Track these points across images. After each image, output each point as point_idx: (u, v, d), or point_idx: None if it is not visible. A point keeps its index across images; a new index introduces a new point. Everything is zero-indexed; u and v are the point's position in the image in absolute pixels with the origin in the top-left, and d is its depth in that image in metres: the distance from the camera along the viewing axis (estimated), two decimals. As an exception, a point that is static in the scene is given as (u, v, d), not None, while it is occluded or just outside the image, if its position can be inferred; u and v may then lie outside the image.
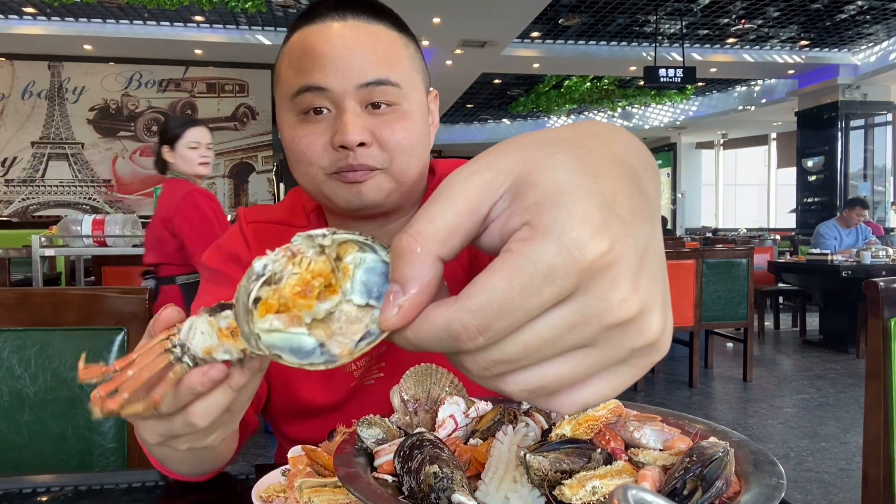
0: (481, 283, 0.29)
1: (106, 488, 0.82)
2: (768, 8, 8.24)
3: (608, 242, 0.28)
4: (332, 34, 0.81)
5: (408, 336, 0.31)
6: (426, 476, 0.50)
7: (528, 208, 0.29)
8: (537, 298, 0.28)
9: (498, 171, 0.31)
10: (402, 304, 0.31)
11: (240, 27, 8.56)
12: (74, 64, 9.05)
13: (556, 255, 0.28)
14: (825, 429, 3.89)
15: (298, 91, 0.81)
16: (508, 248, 0.29)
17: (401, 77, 0.82)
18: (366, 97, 0.81)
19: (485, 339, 0.29)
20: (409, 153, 0.83)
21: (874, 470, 1.11)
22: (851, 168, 10.47)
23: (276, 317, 0.33)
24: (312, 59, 0.80)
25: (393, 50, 0.83)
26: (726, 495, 0.49)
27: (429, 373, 0.72)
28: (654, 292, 0.30)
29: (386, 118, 0.82)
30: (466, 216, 0.30)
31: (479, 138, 16.89)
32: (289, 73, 0.83)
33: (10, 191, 9.01)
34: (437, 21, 7.54)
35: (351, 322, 0.34)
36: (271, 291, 0.33)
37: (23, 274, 4.68)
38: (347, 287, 0.34)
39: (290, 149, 0.84)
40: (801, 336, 6.87)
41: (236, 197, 9.57)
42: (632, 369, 0.32)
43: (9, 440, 1.14)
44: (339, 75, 0.79)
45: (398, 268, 0.31)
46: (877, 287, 1.13)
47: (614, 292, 0.28)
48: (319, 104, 0.81)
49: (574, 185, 0.29)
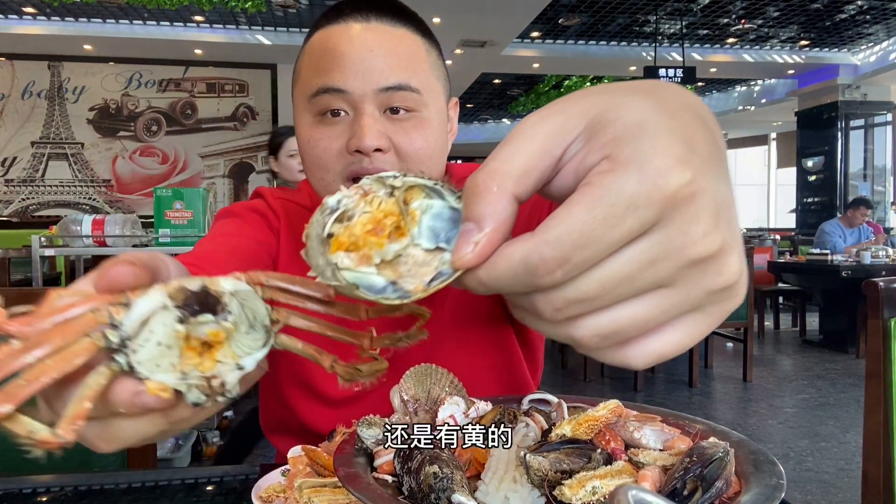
0: (560, 216, 0.28)
1: (106, 488, 0.82)
2: (768, 8, 8.24)
3: (691, 173, 0.27)
4: (354, 35, 0.79)
5: (481, 276, 0.30)
6: (426, 476, 0.50)
7: (607, 144, 0.28)
8: (618, 229, 0.27)
9: (571, 115, 0.30)
10: (478, 240, 0.30)
11: (240, 27, 8.55)
12: (74, 64, 9.04)
13: (639, 183, 0.27)
14: (825, 429, 3.89)
15: (317, 92, 0.80)
16: (588, 182, 0.28)
17: (421, 83, 0.81)
18: (385, 101, 0.79)
19: (563, 273, 0.28)
20: (424, 163, 0.82)
21: (874, 470, 1.11)
22: (851, 168, 10.46)
23: (346, 255, 0.32)
24: (332, 59, 0.79)
25: (415, 55, 0.82)
26: (726, 495, 0.49)
27: (429, 373, 0.72)
28: (733, 233, 0.29)
29: (404, 125, 0.80)
30: (540, 158, 0.30)
31: (478, 138, 16.89)
32: (308, 73, 0.82)
33: (10, 191, 9.01)
34: (437, 21, 7.54)
35: (419, 265, 0.32)
36: (343, 228, 0.32)
37: (23, 274, 4.67)
38: (415, 231, 0.32)
39: (306, 152, 0.83)
40: (800, 336, 6.87)
41: (236, 197, 9.55)
42: (707, 318, 0.30)
43: (9, 440, 1.13)
44: (358, 77, 0.78)
45: (473, 205, 0.30)
46: (877, 287, 1.13)
47: (696, 225, 0.28)
48: (337, 106, 0.79)
49: (654, 121, 0.28)
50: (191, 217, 2.86)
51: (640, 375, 4.75)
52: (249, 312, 0.35)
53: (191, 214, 2.86)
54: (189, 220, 2.86)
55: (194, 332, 0.32)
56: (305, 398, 0.94)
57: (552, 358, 5.80)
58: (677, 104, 0.31)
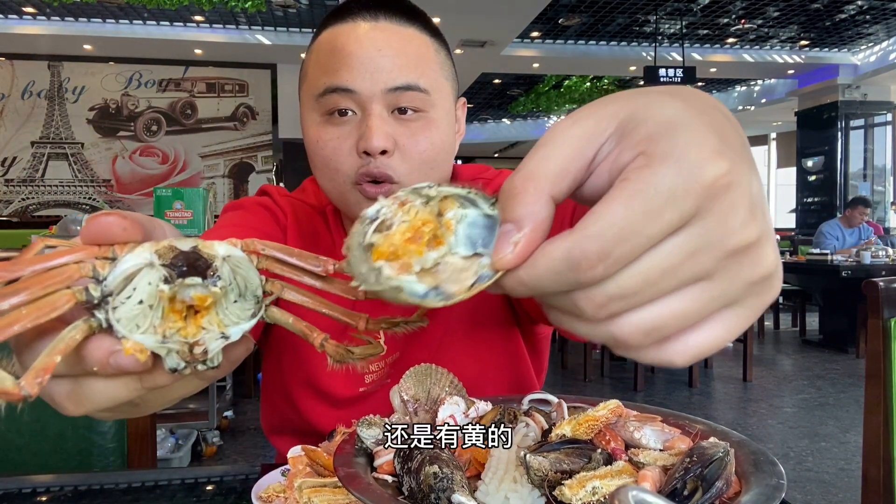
0: (599, 212, 0.28)
1: (105, 488, 0.82)
2: (768, 8, 8.24)
3: (727, 164, 0.28)
4: (362, 34, 0.79)
5: (521, 276, 0.30)
6: (426, 476, 0.50)
7: (641, 141, 0.29)
8: (658, 222, 0.28)
9: (601, 117, 0.31)
10: (518, 240, 0.30)
11: (239, 27, 8.56)
12: (74, 64, 9.05)
13: (677, 175, 0.27)
14: (825, 429, 3.90)
15: (325, 91, 0.79)
16: (625, 177, 0.29)
17: (430, 83, 0.81)
18: (393, 102, 0.79)
19: (604, 268, 0.28)
20: (429, 165, 0.81)
21: (874, 470, 1.11)
22: (851, 168, 10.46)
23: (387, 263, 0.32)
24: (341, 59, 0.78)
25: (424, 55, 0.81)
26: (726, 495, 0.49)
27: (428, 373, 0.72)
28: (768, 224, 0.30)
29: (411, 126, 0.80)
30: (574, 160, 0.30)
31: (478, 138, 16.89)
32: (315, 72, 0.81)
33: (10, 191, 9.01)
34: (437, 21, 7.50)
35: (458, 271, 0.33)
36: (382, 238, 0.33)
37: (22, 274, 4.68)
38: (452, 240, 0.33)
39: (315, 152, 0.82)
40: (800, 336, 6.87)
41: (236, 197, 9.56)
42: (746, 311, 0.31)
43: (8, 440, 1.14)
44: (367, 77, 0.77)
45: (511, 207, 0.31)
46: (877, 287, 1.13)
47: (734, 216, 0.28)
48: (345, 106, 0.79)
49: (685, 116, 0.29)
50: (191, 217, 2.86)
51: (640, 375, 4.75)
52: (241, 280, 0.33)
53: (191, 214, 2.87)
54: (189, 219, 2.86)
55: (180, 294, 0.31)
56: (311, 398, 0.94)
57: (552, 358, 5.78)
58: (703, 104, 0.32)
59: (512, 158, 20.90)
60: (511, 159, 21.22)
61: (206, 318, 0.32)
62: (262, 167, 9.58)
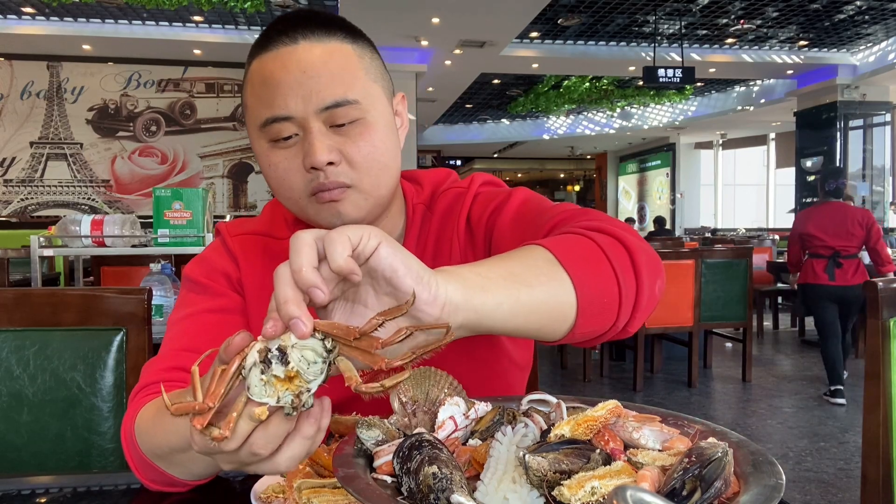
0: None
1: (105, 489, 0.82)
2: (767, 8, 8.25)
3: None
4: (287, 60, 0.82)
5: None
6: (425, 477, 0.50)
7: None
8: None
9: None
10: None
11: (239, 27, 8.56)
12: (73, 64, 9.05)
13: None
14: (824, 429, 3.90)
15: (265, 122, 0.82)
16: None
17: (358, 93, 0.83)
18: (329, 119, 0.82)
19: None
20: (376, 166, 0.84)
21: (873, 470, 1.11)
22: (850, 168, 10.47)
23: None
24: (272, 88, 0.81)
25: (347, 66, 0.84)
26: (725, 495, 0.49)
27: (427, 375, 0.72)
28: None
29: (350, 133, 0.83)
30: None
31: (477, 138, 16.89)
32: (254, 104, 0.84)
33: (9, 191, 9.00)
34: (435, 21, 7.54)
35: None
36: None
37: (21, 274, 4.67)
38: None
39: (269, 175, 0.86)
40: (799, 336, 6.87)
41: (235, 197, 9.56)
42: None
43: (7, 441, 1.14)
44: (299, 101, 0.80)
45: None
46: (876, 287, 1.13)
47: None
48: (288, 132, 0.82)
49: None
50: (190, 217, 2.86)
51: (640, 375, 4.76)
52: (310, 353, 0.50)
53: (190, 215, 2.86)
54: (188, 220, 2.85)
55: (274, 373, 0.49)
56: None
57: (551, 358, 5.80)
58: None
59: (511, 158, 20.90)
60: (510, 159, 21.22)
61: (297, 381, 0.49)
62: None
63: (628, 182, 19.74)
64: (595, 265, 0.67)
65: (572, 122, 16.01)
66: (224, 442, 0.49)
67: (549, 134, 16.55)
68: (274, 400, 0.48)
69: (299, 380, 0.49)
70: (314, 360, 0.50)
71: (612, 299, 0.67)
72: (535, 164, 22.17)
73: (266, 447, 0.51)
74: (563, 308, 0.64)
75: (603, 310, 0.67)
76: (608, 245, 0.69)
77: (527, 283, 0.61)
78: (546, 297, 0.62)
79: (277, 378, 0.49)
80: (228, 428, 0.49)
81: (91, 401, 1.17)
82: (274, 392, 0.49)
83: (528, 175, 23.20)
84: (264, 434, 0.51)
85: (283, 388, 0.49)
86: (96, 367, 1.17)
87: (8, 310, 1.16)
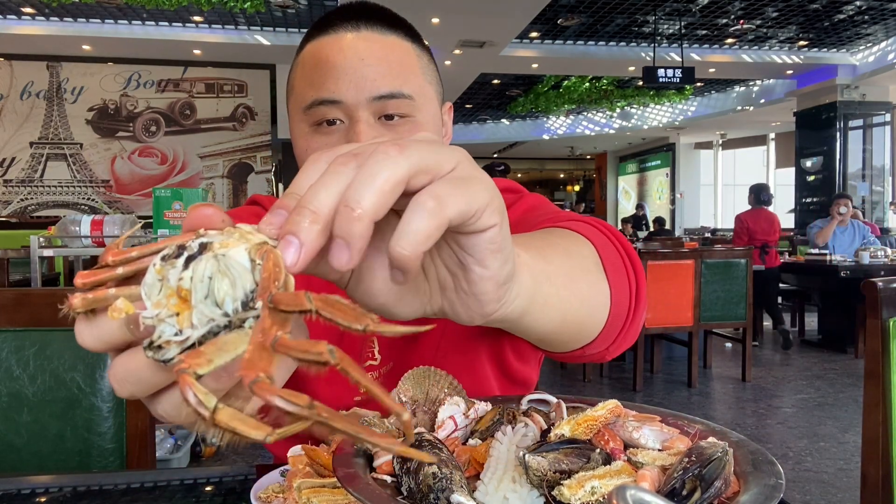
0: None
1: (105, 489, 0.82)
2: (767, 8, 8.25)
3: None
4: (345, 45, 0.80)
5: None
6: (425, 476, 0.50)
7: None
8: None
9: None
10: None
11: (238, 27, 8.55)
12: (73, 64, 9.04)
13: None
14: (824, 429, 3.90)
15: (312, 104, 0.80)
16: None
17: (414, 89, 0.82)
18: (379, 109, 0.80)
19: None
20: None
21: (873, 469, 1.11)
22: (850, 168, 10.47)
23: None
24: (325, 71, 0.80)
25: (406, 61, 0.83)
26: (725, 495, 0.49)
27: (427, 375, 0.72)
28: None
29: (399, 130, 0.81)
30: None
31: (477, 138, 16.89)
32: (302, 85, 0.83)
33: (9, 191, 9.00)
34: (435, 21, 7.54)
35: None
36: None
37: (21, 274, 4.67)
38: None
39: (303, 162, 0.84)
40: (799, 336, 6.87)
41: (235, 197, 9.56)
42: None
43: (7, 441, 1.14)
44: (352, 87, 0.79)
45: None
46: (875, 287, 1.13)
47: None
48: (333, 116, 0.80)
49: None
50: (190, 217, 2.86)
51: (640, 375, 4.75)
52: (224, 283, 0.30)
53: (190, 215, 2.86)
54: (188, 220, 2.86)
55: (168, 274, 0.30)
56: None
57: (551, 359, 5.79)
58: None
59: (511, 159, 20.90)
60: (510, 159, 21.22)
61: (185, 308, 0.30)
62: (261, 167, 9.58)
63: (628, 182, 19.74)
64: (622, 286, 0.64)
65: (572, 122, 16.01)
66: (77, 323, 0.34)
67: (548, 134, 16.55)
68: (151, 312, 0.30)
69: (188, 308, 0.30)
70: (222, 295, 0.30)
71: (622, 321, 0.65)
72: (535, 164, 22.18)
73: (116, 375, 0.35)
74: (595, 322, 0.61)
75: (613, 331, 0.65)
76: (629, 270, 0.67)
77: (580, 298, 0.56)
78: (589, 313, 0.59)
79: (168, 287, 0.30)
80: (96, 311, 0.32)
81: (91, 401, 1.17)
82: (158, 301, 0.30)
83: (527, 175, 23.19)
84: (122, 362, 0.34)
85: (169, 304, 0.30)
86: (96, 367, 1.17)
87: (8, 310, 1.16)
